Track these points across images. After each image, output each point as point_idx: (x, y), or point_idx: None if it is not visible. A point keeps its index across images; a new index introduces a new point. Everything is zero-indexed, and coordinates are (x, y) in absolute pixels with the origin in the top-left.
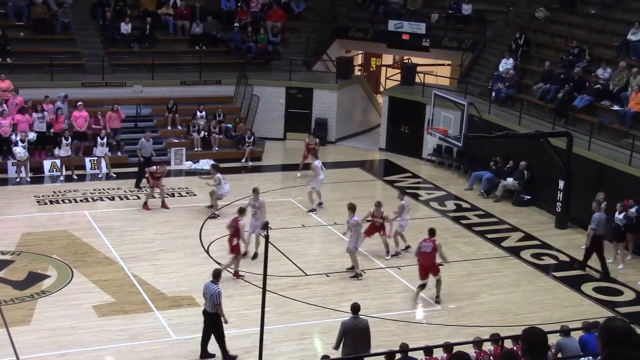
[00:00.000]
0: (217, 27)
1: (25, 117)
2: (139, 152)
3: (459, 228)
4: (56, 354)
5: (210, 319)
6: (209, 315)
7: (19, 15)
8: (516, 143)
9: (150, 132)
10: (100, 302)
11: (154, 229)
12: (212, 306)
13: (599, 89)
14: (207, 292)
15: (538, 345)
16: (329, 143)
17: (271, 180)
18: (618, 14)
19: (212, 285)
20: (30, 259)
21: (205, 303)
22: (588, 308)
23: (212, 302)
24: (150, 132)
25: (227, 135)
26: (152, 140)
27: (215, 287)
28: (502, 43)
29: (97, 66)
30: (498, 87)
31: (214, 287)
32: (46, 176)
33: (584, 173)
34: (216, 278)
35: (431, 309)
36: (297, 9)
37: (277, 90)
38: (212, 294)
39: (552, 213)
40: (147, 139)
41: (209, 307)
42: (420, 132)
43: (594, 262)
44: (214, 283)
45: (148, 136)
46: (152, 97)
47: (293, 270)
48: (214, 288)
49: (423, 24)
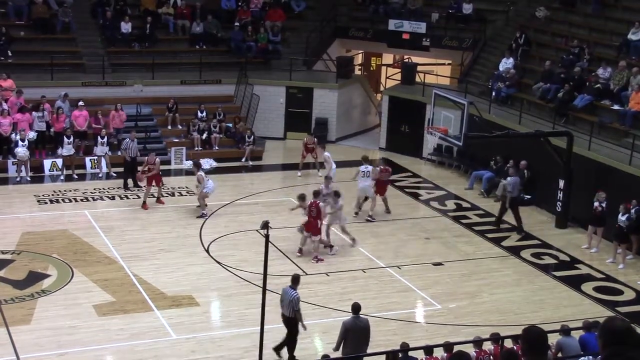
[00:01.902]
0: (217, 26)
1: (25, 116)
2: (125, 153)
3: (459, 227)
4: (56, 354)
5: (290, 322)
6: (287, 320)
7: (20, 14)
8: (516, 143)
9: (135, 132)
10: (101, 301)
11: (154, 229)
12: (291, 311)
13: (599, 88)
14: (286, 297)
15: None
16: (329, 142)
17: (271, 179)
18: (618, 14)
19: (291, 290)
20: (31, 258)
21: (282, 308)
22: (588, 307)
23: (291, 307)
24: (135, 132)
25: (228, 135)
26: (137, 140)
27: (294, 293)
28: (503, 42)
29: (98, 65)
30: (498, 87)
31: (293, 292)
32: (46, 175)
33: (584, 173)
34: (295, 283)
35: (431, 309)
36: (297, 8)
37: (278, 90)
38: (291, 300)
39: (552, 212)
40: (132, 139)
41: (287, 312)
42: (420, 132)
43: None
44: (293, 288)
45: (133, 136)
46: (152, 97)
47: (293, 269)
48: (292, 293)
49: (423, 23)
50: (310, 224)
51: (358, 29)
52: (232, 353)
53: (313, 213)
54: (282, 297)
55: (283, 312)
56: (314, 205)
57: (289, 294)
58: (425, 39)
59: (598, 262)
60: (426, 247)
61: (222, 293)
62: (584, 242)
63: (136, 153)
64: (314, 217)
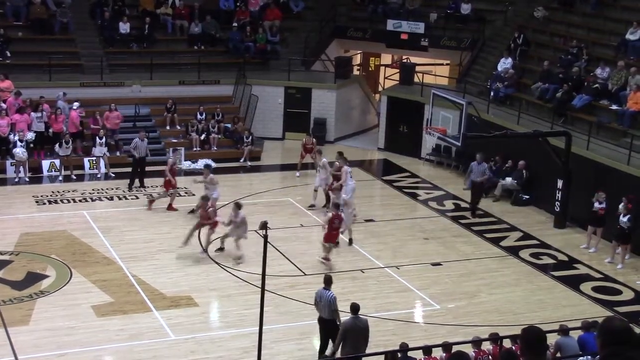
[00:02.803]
0: (215, 26)
1: (23, 116)
2: (134, 152)
3: (458, 228)
4: (55, 354)
5: (328, 325)
6: (326, 322)
7: (18, 15)
8: (515, 143)
9: (144, 132)
10: (99, 302)
11: (153, 229)
12: (330, 312)
13: (597, 88)
14: (322, 299)
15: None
16: (328, 143)
17: (270, 180)
18: (617, 14)
19: (326, 291)
20: (29, 259)
21: (319, 311)
22: (587, 307)
23: (330, 308)
24: (145, 132)
25: (226, 135)
26: (147, 140)
27: (330, 293)
28: (501, 42)
29: (96, 66)
30: (497, 87)
31: (329, 293)
32: (45, 176)
33: (583, 172)
34: (328, 284)
35: (430, 309)
36: (296, 8)
37: (276, 90)
38: (329, 301)
39: (551, 212)
40: (142, 139)
41: (326, 314)
42: (419, 132)
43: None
44: (327, 289)
45: (142, 136)
46: (150, 97)
47: (292, 270)
48: (329, 294)
49: (422, 23)
50: (332, 235)
51: (356, 29)
52: (231, 353)
53: (335, 225)
54: (318, 299)
55: (321, 314)
56: (337, 218)
57: (325, 296)
58: (423, 39)
59: (597, 262)
60: (425, 247)
61: (221, 293)
62: (583, 242)
63: (146, 153)
64: (335, 229)
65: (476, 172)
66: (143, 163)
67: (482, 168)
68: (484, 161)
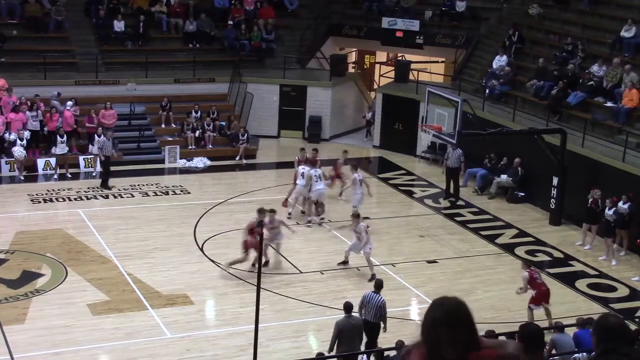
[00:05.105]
0: (210, 24)
1: (19, 115)
2: (100, 152)
3: (453, 225)
4: (51, 353)
5: (373, 327)
6: (371, 325)
7: (12, 13)
8: (510, 140)
9: (112, 132)
10: (95, 300)
11: (149, 227)
12: (378, 316)
13: (592, 85)
14: (371, 302)
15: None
16: (323, 140)
17: (265, 177)
18: (611, 11)
19: (376, 295)
20: (24, 258)
21: (365, 314)
22: (582, 304)
23: (379, 312)
24: (112, 132)
25: (221, 133)
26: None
27: (381, 297)
28: (496, 40)
29: (91, 64)
30: (492, 84)
31: (379, 297)
32: (40, 175)
33: (578, 170)
34: (378, 288)
35: (426, 306)
36: (290, 6)
37: (271, 88)
38: (379, 305)
39: (546, 210)
40: (108, 138)
41: (372, 317)
42: (414, 130)
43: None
44: (377, 293)
45: (109, 135)
46: (145, 95)
47: (288, 267)
48: (379, 298)
49: (417, 21)
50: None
51: (352, 27)
52: (227, 351)
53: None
54: (365, 302)
55: (366, 318)
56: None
57: (375, 300)
58: (418, 37)
59: (592, 259)
60: (420, 244)
61: (217, 292)
62: (578, 239)
63: (111, 152)
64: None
65: (452, 158)
66: (108, 163)
67: (457, 154)
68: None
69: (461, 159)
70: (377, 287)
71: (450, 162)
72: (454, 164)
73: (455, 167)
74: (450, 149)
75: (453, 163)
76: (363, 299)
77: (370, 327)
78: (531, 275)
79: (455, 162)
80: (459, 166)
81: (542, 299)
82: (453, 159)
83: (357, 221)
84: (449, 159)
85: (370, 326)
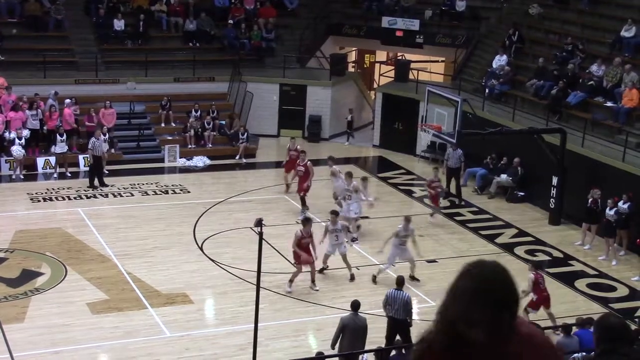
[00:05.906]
0: (210, 23)
1: (18, 114)
2: (91, 153)
3: (453, 224)
4: (50, 352)
5: (401, 325)
6: (399, 322)
7: (12, 12)
8: (510, 140)
9: (100, 131)
10: (94, 299)
11: (148, 226)
12: (405, 313)
13: (592, 85)
14: (396, 300)
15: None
16: (323, 140)
17: (265, 177)
18: (611, 11)
19: (402, 292)
20: (24, 257)
21: (389, 311)
22: (582, 304)
23: (407, 309)
24: (101, 131)
25: (221, 132)
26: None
27: (406, 294)
28: (496, 39)
29: (90, 63)
30: (492, 84)
31: (404, 293)
32: (39, 173)
33: (578, 169)
34: (400, 284)
35: (425, 305)
36: (290, 5)
37: (271, 87)
38: (405, 302)
39: (546, 209)
40: (97, 137)
41: (400, 314)
42: (414, 129)
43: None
44: (400, 290)
45: (98, 134)
46: (145, 94)
47: (287, 267)
48: (405, 294)
49: (417, 20)
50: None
51: (351, 26)
52: (226, 350)
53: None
54: (390, 301)
55: (392, 315)
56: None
57: (400, 296)
58: (418, 36)
59: (591, 259)
60: (420, 244)
61: (216, 291)
62: (578, 239)
63: (102, 152)
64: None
65: (452, 158)
66: (99, 163)
67: (457, 154)
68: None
69: (461, 159)
70: (398, 284)
71: (450, 163)
72: (455, 164)
73: (456, 167)
74: (450, 150)
75: (454, 163)
76: (387, 297)
77: (399, 325)
78: (536, 279)
79: (456, 162)
80: (459, 166)
81: (542, 304)
82: (453, 159)
83: (335, 220)
84: (450, 160)
85: (399, 324)
